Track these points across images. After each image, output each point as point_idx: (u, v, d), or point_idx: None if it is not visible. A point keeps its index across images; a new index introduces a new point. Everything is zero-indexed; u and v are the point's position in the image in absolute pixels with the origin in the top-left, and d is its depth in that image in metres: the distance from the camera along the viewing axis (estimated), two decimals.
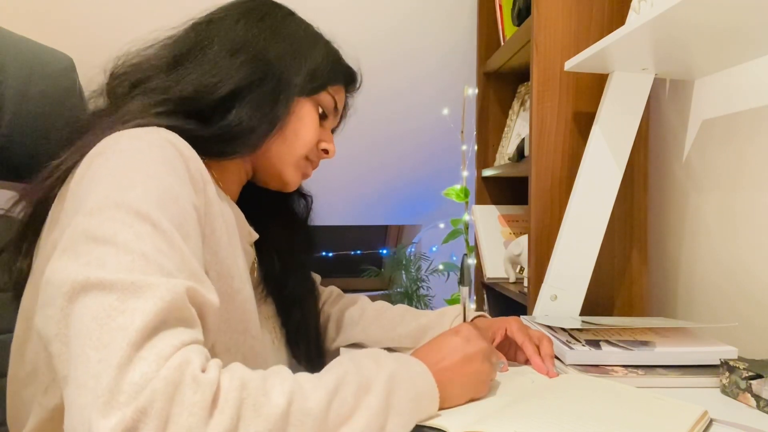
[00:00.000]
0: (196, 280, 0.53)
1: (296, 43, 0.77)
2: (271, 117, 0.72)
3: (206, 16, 0.77)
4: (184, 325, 0.48)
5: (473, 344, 0.64)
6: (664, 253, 1.21)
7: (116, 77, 0.73)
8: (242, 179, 0.81)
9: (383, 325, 0.94)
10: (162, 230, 0.52)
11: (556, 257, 1.04)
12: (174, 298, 0.48)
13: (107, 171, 0.56)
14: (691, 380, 0.76)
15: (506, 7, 1.52)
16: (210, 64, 0.71)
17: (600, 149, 1.02)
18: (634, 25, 0.82)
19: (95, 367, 0.43)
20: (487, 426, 0.56)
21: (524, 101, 1.56)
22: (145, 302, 0.46)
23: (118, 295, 0.46)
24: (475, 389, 0.64)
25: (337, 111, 0.84)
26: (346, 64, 0.85)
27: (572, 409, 0.62)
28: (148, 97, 0.68)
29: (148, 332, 0.45)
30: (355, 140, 2.09)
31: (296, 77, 0.75)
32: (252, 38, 0.74)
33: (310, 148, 0.80)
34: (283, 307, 0.88)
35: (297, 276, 0.90)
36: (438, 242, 2.30)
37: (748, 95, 0.97)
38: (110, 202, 0.52)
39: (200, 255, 0.58)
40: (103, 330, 0.44)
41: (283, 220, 0.91)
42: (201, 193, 0.62)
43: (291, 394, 0.48)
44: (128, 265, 0.48)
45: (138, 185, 0.54)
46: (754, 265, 0.95)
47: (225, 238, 0.66)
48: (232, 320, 0.66)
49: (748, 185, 0.97)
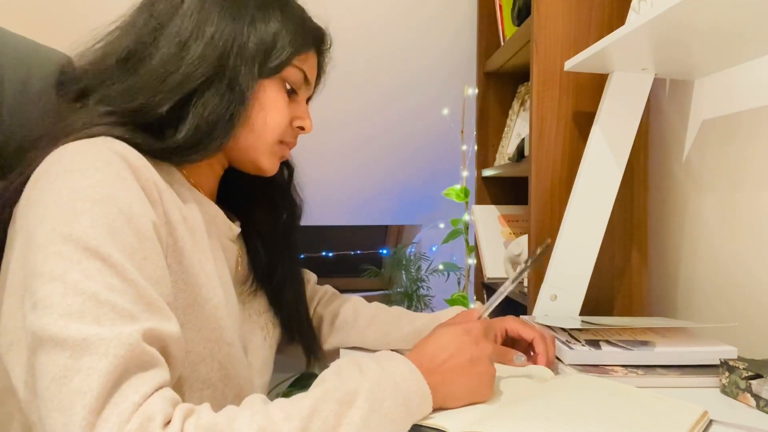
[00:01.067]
0: (153, 312, 0.52)
1: (247, 20, 0.69)
2: (229, 115, 0.67)
3: (146, 2, 0.71)
4: (144, 370, 0.48)
5: (482, 347, 0.62)
6: (664, 253, 1.21)
7: (63, 84, 0.70)
8: (217, 172, 0.78)
9: (379, 328, 0.94)
10: (112, 264, 0.51)
11: (556, 257, 1.04)
12: (128, 350, 0.47)
13: (52, 197, 0.54)
14: (691, 380, 0.76)
15: (506, 7, 1.52)
16: (156, 68, 0.65)
17: (600, 149, 1.02)
18: (634, 25, 0.82)
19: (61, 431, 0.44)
20: (486, 426, 0.56)
21: (524, 101, 1.56)
22: (100, 361, 0.45)
23: (70, 353, 0.46)
24: (479, 392, 0.62)
25: (308, 81, 0.77)
26: (310, 26, 0.76)
27: (572, 409, 0.62)
28: (95, 107, 0.64)
29: (107, 392, 0.45)
30: (354, 140, 2.10)
31: (252, 60, 0.68)
32: (198, 25, 0.67)
33: (281, 132, 0.74)
34: (274, 293, 0.86)
35: (285, 259, 0.87)
36: (438, 242, 2.29)
37: (748, 95, 0.97)
38: (56, 236, 0.51)
39: (162, 275, 0.56)
40: (63, 392, 0.45)
41: (264, 197, 0.86)
42: (156, 204, 0.60)
43: (259, 429, 0.47)
44: (78, 309, 0.47)
45: (85, 214, 0.52)
46: (754, 265, 0.95)
47: (189, 245, 0.64)
48: (204, 329, 0.65)
49: (748, 185, 0.97)
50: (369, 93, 1.94)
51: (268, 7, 0.71)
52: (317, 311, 0.99)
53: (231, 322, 0.69)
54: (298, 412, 0.49)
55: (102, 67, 0.68)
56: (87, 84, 0.67)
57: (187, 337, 0.62)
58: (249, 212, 0.84)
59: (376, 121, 2.04)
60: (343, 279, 2.65)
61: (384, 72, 1.93)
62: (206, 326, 0.65)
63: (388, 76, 1.94)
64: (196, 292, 0.64)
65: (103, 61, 0.68)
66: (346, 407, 0.51)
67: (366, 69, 1.90)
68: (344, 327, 0.96)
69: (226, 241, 0.76)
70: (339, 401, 0.51)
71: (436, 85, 2.01)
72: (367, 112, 1.98)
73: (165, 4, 0.69)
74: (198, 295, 0.64)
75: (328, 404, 0.50)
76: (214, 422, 0.47)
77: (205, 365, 0.65)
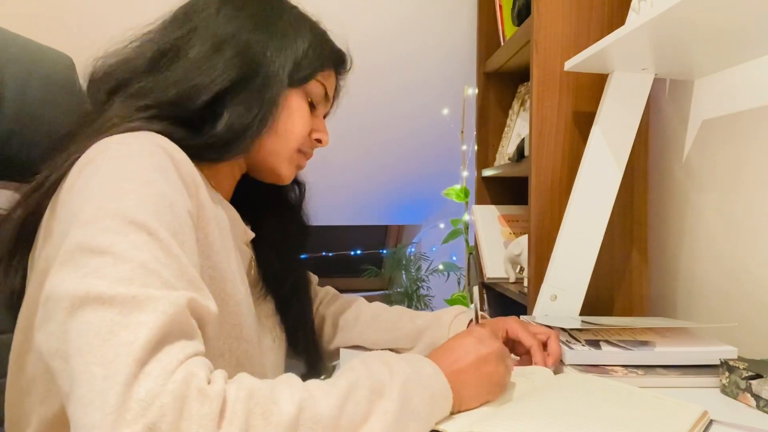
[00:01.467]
0: (194, 288, 0.52)
1: (280, 32, 0.73)
2: (262, 116, 0.70)
3: (184, 7, 0.74)
4: (186, 338, 0.48)
5: (486, 345, 0.62)
6: (664, 253, 1.21)
7: (95, 81, 0.71)
8: (236, 176, 0.80)
9: (380, 327, 0.94)
10: (159, 239, 0.51)
11: (556, 257, 1.04)
12: (176, 311, 0.47)
13: (99, 180, 0.55)
14: (691, 380, 0.76)
15: (506, 7, 1.52)
16: (191, 64, 0.68)
17: (600, 149, 1.02)
18: (634, 25, 0.82)
19: (101, 384, 0.42)
20: (486, 426, 0.56)
21: (524, 101, 1.56)
22: (148, 316, 0.45)
23: (119, 309, 0.45)
24: (490, 391, 0.62)
25: (327, 98, 0.81)
26: (333, 47, 0.81)
27: (572, 409, 0.62)
28: (130, 101, 0.66)
29: (152, 347, 0.44)
30: (355, 140, 2.10)
31: (282, 69, 0.72)
32: (233, 31, 0.70)
33: (301, 140, 0.77)
34: (282, 302, 0.87)
35: (295, 270, 0.89)
36: (438, 242, 2.29)
37: (748, 95, 0.97)
38: (104, 212, 0.51)
39: (196, 261, 0.57)
40: (107, 346, 0.44)
41: (278, 211, 0.89)
42: (194, 197, 0.61)
43: (301, 401, 0.47)
44: (127, 275, 0.47)
45: (131, 193, 0.53)
46: (754, 265, 0.95)
47: (218, 242, 0.65)
48: (225, 324, 0.66)
49: (748, 185, 0.97)
50: (369, 93, 1.94)
51: (299, 23, 0.76)
52: (319, 311, 1.00)
53: (250, 320, 0.71)
54: (335, 391, 0.50)
55: (135, 65, 0.69)
56: (119, 80, 0.69)
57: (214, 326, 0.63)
58: (260, 221, 0.86)
59: (377, 121, 2.04)
60: (343, 279, 2.65)
61: (384, 72, 1.93)
62: (228, 321, 0.66)
63: (388, 76, 1.94)
64: (221, 288, 0.65)
65: (136, 59, 0.70)
66: (377, 396, 0.52)
67: (366, 69, 1.90)
68: (346, 327, 0.96)
69: (242, 244, 0.78)
70: (371, 389, 0.52)
71: (436, 85, 2.01)
72: (368, 113, 1.98)
73: (201, 11, 0.72)
74: (223, 290, 0.65)
75: (362, 390, 0.51)
76: (257, 386, 0.47)
77: (223, 360, 0.66)
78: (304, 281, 0.93)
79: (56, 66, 0.92)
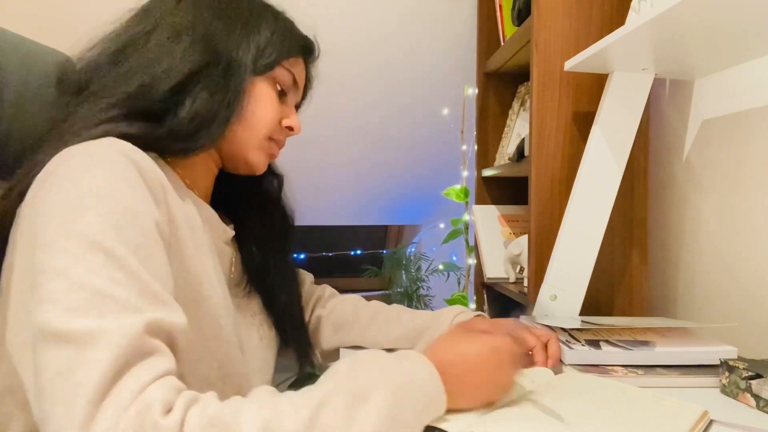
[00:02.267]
0: (158, 304, 0.52)
1: (242, 19, 0.73)
2: (227, 102, 0.69)
3: (145, 4, 0.73)
4: (147, 362, 0.48)
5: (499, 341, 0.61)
6: (664, 253, 1.21)
7: (60, 85, 0.71)
8: (213, 170, 0.79)
9: (379, 326, 0.94)
10: (116, 258, 0.51)
11: (556, 257, 1.04)
12: (130, 341, 0.47)
13: (59, 196, 0.55)
14: (691, 380, 0.76)
15: (506, 7, 1.52)
16: (150, 54, 0.67)
17: (600, 149, 1.02)
18: (634, 25, 0.82)
19: (62, 425, 0.44)
20: (486, 427, 0.56)
21: (524, 101, 1.56)
22: (102, 352, 0.46)
23: (74, 347, 0.46)
24: (491, 393, 0.60)
25: (296, 85, 0.80)
26: (299, 35, 0.80)
27: (572, 409, 0.62)
28: (94, 102, 0.65)
29: (108, 383, 0.45)
30: (355, 140, 2.10)
31: (246, 56, 0.71)
32: (194, 19, 0.70)
33: (271, 128, 0.76)
34: (268, 296, 0.87)
35: (277, 262, 0.88)
36: (438, 242, 2.29)
37: (748, 95, 0.97)
38: (62, 233, 0.52)
39: (165, 272, 0.57)
40: (66, 384, 0.45)
41: (258, 206, 0.89)
42: (161, 203, 0.61)
43: (265, 422, 0.46)
44: (82, 304, 0.48)
45: (90, 210, 0.53)
46: (754, 264, 0.95)
47: (191, 245, 0.65)
48: (204, 327, 0.65)
49: (748, 185, 0.97)
50: (369, 93, 1.94)
51: (260, 12, 0.75)
52: (316, 311, 0.99)
53: (229, 321, 0.70)
54: (307, 402, 0.48)
55: (97, 63, 0.69)
56: (83, 79, 0.69)
57: (188, 335, 0.63)
58: (243, 217, 0.86)
59: (377, 121, 2.04)
60: (343, 279, 2.65)
61: (384, 72, 1.93)
62: (206, 324, 0.65)
63: (388, 76, 1.94)
64: (197, 291, 0.65)
65: (99, 57, 0.70)
66: (359, 402, 0.50)
67: (366, 69, 1.90)
68: (345, 326, 0.96)
69: (221, 244, 0.77)
70: (352, 395, 0.50)
71: (436, 85, 2.01)
72: (368, 112, 1.98)
73: (161, 4, 0.72)
74: (198, 293, 0.65)
75: (340, 396, 0.49)
76: (220, 412, 0.47)
77: (204, 363, 0.65)
78: (289, 275, 0.92)
79: (56, 66, 0.92)
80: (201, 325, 0.65)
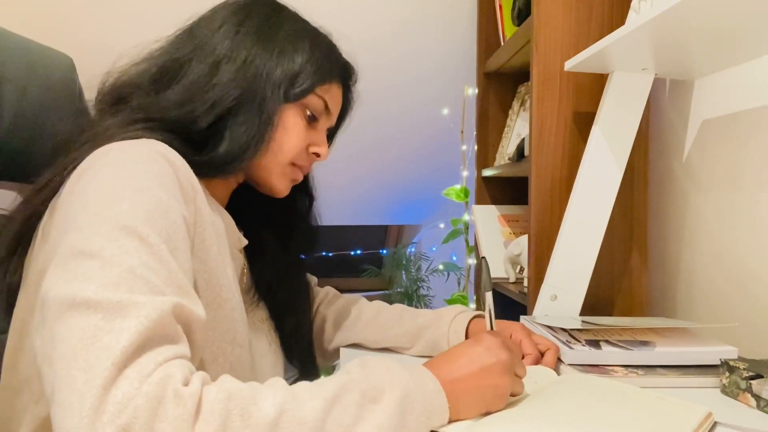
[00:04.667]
0: (182, 294, 0.53)
1: (278, 48, 0.74)
2: (260, 134, 0.71)
3: (192, 24, 0.76)
4: (169, 342, 0.48)
5: (494, 354, 0.60)
6: (664, 253, 1.21)
7: (100, 94, 0.73)
8: (231, 186, 0.81)
9: (380, 325, 0.94)
10: (149, 244, 0.52)
11: (556, 257, 1.04)
12: (159, 316, 0.48)
13: (95, 186, 0.56)
14: (691, 380, 0.76)
15: (506, 7, 1.52)
16: (191, 84, 0.69)
17: (600, 149, 1.02)
18: (634, 25, 0.82)
19: (80, 387, 0.43)
20: (486, 427, 0.56)
21: (524, 101, 1.56)
22: (131, 322, 0.46)
23: (103, 315, 0.46)
24: (490, 403, 0.60)
25: (328, 111, 0.81)
26: (337, 59, 0.81)
27: (574, 409, 0.62)
28: (130, 114, 0.68)
29: (132, 351, 0.45)
30: (355, 140, 2.09)
31: (279, 86, 0.72)
32: (232, 48, 0.72)
33: (294, 155, 0.77)
34: (276, 312, 0.88)
35: (291, 280, 0.89)
36: (438, 242, 2.29)
37: (748, 95, 0.97)
38: (98, 218, 0.53)
39: (188, 268, 0.58)
40: (89, 351, 0.44)
41: (280, 221, 0.89)
42: (191, 203, 0.62)
43: (283, 403, 0.47)
44: (114, 280, 0.48)
45: (125, 200, 0.54)
46: (755, 264, 0.95)
47: (215, 248, 0.66)
48: (220, 329, 0.66)
49: (748, 185, 0.97)
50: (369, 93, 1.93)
51: (298, 37, 0.76)
52: (320, 311, 1.00)
53: (244, 325, 0.71)
54: (322, 393, 0.49)
55: (138, 82, 0.72)
56: (123, 94, 0.71)
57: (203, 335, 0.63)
58: (258, 229, 0.86)
59: (377, 120, 2.03)
60: (343, 279, 2.65)
61: (384, 72, 1.93)
62: (222, 326, 0.66)
63: (388, 76, 1.94)
64: (217, 292, 0.66)
65: (141, 76, 0.72)
66: (369, 402, 0.51)
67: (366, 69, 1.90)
68: (347, 326, 0.96)
69: (235, 251, 0.78)
70: (363, 394, 0.51)
71: (436, 85, 2.01)
72: (368, 112, 1.98)
73: (205, 27, 0.74)
74: (218, 295, 0.66)
75: (353, 394, 0.50)
76: (237, 388, 0.47)
77: (216, 365, 0.66)
78: (301, 297, 0.92)
79: (56, 66, 0.92)
80: (217, 326, 0.66)
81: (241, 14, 0.75)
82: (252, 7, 0.76)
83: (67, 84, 0.93)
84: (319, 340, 0.98)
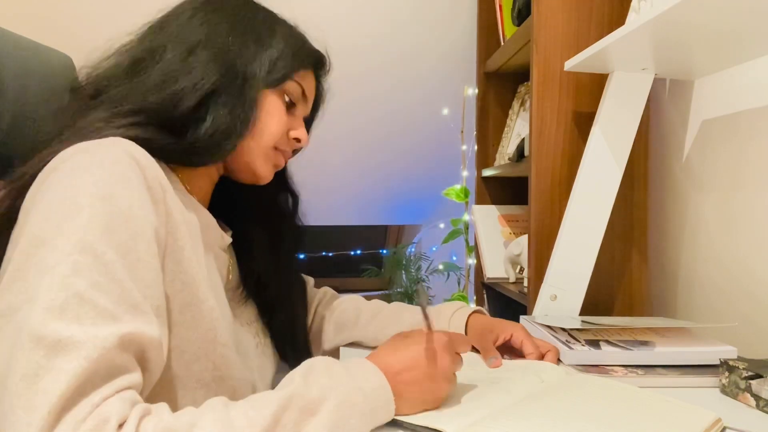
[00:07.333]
0: (135, 312, 0.53)
1: (255, 33, 0.74)
2: (243, 118, 0.71)
3: (161, 17, 0.75)
4: (114, 376, 0.49)
5: (437, 363, 0.62)
6: (664, 253, 1.21)
7: (76, 89, 0.72)
8: (214, 177, 0.80)
9: (380, 323, 0.94)
10: (103, 262, 0.52)
11: (556, 257, 1.04)
12: (100, 355, 0.48)
13: (57, 194, 0.56)
14: (691, 380, 0.76)
15: (506, 7, 1.52)
16: (167, 67, 0.69)
17: (600, 149, 1.02)
18: (634, 25, 0.82)
19: (21, 429, 0.44)
20: (485, 427, 0.56)
21: (524, 101, 1.56)
22: (70, 363, 0.46)
23: (45, 352, 0.47)
24: (429, 403, 0.62)
25: (305, 97, 0.81)
26: (310, 48, 0.81)
27: (578, 411, 0.61)
28: (108, 107, 0.67)
29: (69, 396, 0.45)
30: (355, 140, 2.10)
31: (259, 69, 0.73)
32: (208, 34, 0.71)
33: (277, 139, 0.77)
34: (265, 309, 0.87)
35: (281, 277, 0.88)
36: (438, 242, 2.29)
37: (748, 95, 0.97)
38: (56, 230, 0.53)
39: (152, 278, 0.57)
40: (30, 390, 0.45)
41: (267, 219, 0.89)
42: (160, 203, 0.61)
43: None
44: (61, 304, 0.48)
45: (85, 209, 0.54)
46: (754, 264, 0.95)
47: (188, 246, 0.65)
48: (199, 329, 0.66)
49: (748, 185, 0.97)
50: (369, 93, 1.93)
51: (273, 26, 0.77)
52: (318, 312, 1.00)
53: (225, 323, 0.70)
54: (260, 420, 0.50)
55: (114, 72, 0.71)
56: (98, 86, 0.70)
57: (183, 336, 0.63)
58: (245, 227, 0.86)
59: (377, 120, 2.04)
60: (343, 279, 2.65)
61: (384, 72, 1.93)
62: (202, 326, 0.66)
63: (388, 77, 1.94)
64: (193, 293, 0.65)
65: (116, 67, 0.71)
66: (308, 416, 0.52)
67: (366, 69, 1.90)
68: (347, 325, 0.96)
69: (218, 250, 0.78)
70: (302, 410, 0.52)
71: (436, 85, 2.01)
72: (368, 112, 1.98)
73: (177, 16, 0.74)
74: (195, 295, 0.65)
75: (291, 412, 0.52)
76: (173, 425, 0.48)
77: (199, 365, 0.66)
78: (293, 293, 0.92)
79: (55, 66, 0.92)
80: (196, 326, 0.65)
81: (212, 5, 0.75)
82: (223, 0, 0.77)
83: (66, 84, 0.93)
84: (318, 340, 0.98)
